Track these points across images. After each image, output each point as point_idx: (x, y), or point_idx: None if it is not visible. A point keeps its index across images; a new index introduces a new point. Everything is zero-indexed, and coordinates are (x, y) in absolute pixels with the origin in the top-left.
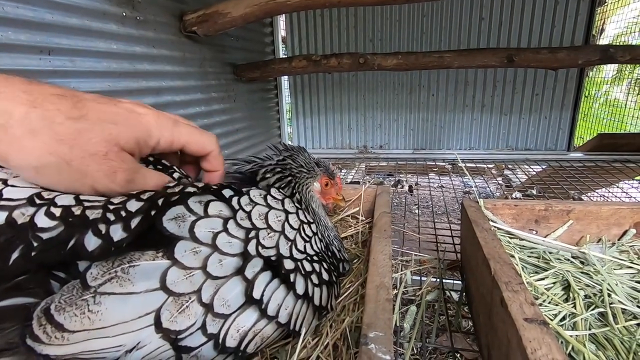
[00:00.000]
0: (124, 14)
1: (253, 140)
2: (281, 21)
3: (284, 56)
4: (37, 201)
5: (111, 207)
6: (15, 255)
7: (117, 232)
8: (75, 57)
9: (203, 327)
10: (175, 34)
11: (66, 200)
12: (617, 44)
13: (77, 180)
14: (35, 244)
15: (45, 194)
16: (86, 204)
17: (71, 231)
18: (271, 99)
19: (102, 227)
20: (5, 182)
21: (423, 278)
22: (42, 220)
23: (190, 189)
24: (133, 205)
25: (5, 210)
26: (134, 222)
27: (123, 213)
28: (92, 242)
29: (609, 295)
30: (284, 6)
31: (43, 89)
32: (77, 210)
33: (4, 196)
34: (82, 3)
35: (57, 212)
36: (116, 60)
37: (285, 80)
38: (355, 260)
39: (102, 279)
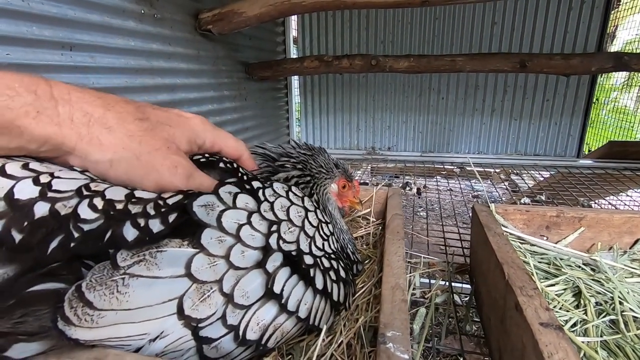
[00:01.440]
0: (143, 11)
1: (262, 139)
2: (293, 21)
3: (295, 56)
4: (85, 192)
5: (159, 201)
6: (53, 245)
7: (155, 225)
8: (95, 53)
9: (223, 317)
10: (191, 32)
11: (114, 193)
12: (628, 51)
13: (145, 175)
14: (75, 235)
15: (92, 186)
16: (133, 199)
17: (110, 224)
18: (281, 97)
19: (142, 221)
20: (52, 174)
21: (432, 281)
22: (85, 212)
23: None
24: (172, 199)
25: (50, 202)
26: (172, 217)
27: (163, 209)
28: (130, 233)
29: (621, 303)
30: (298, 7)
31: (111, 97)
32: (119, 205)
33: (53, 187)
34: (103, 0)
35: (100, 204)
36: (134, 57)
37: (295, 80)
38: (367, 261)
39: (131, 261)
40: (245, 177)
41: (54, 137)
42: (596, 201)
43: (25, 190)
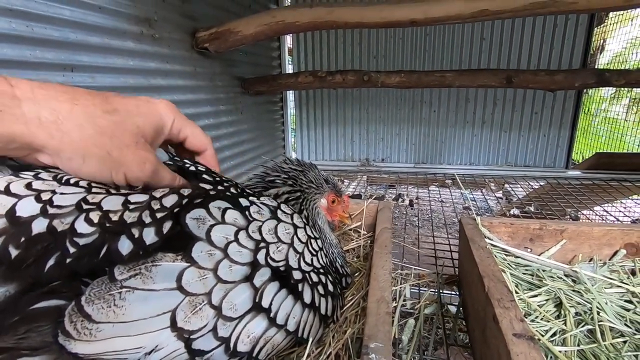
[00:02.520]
0: (142, 32)
1: (258, 151)
2: (288, 37)
3: (290, 71)
4: (84, 206)
5: (153, 204)
6: (50, 262)
7: (149, 236)
8: (96, 73)
9: (214, 330)
10: (188, 50)
11: (111, 203)
12: (616, 63)
13: (114, 169)
14: (71, 251)
15: (90, 198)
16: (130, 205)
17: (106, 238)
18: (276, 111)
19: (136, 232)
20: (53, 191)
21: (422, 290)
22: (81, 227)
23: (214, 192)
24: (169, 201)
25: (48, 218)
26: (166, 226)
27: (158, 214)
28: (125, 246)
29: (599, 313)
30: (292, 26)
31: (76, 89)
32: (115, 216)
33: (55, 203)
34: (103, 23)
35: (96, 218)
36: (132, 76)
37: (290, 93)
38: (356, 274)
39: (127, 274)
40: (218, 183)
41: (20, 135)
42: (583, 211)
43: (27, 208)
